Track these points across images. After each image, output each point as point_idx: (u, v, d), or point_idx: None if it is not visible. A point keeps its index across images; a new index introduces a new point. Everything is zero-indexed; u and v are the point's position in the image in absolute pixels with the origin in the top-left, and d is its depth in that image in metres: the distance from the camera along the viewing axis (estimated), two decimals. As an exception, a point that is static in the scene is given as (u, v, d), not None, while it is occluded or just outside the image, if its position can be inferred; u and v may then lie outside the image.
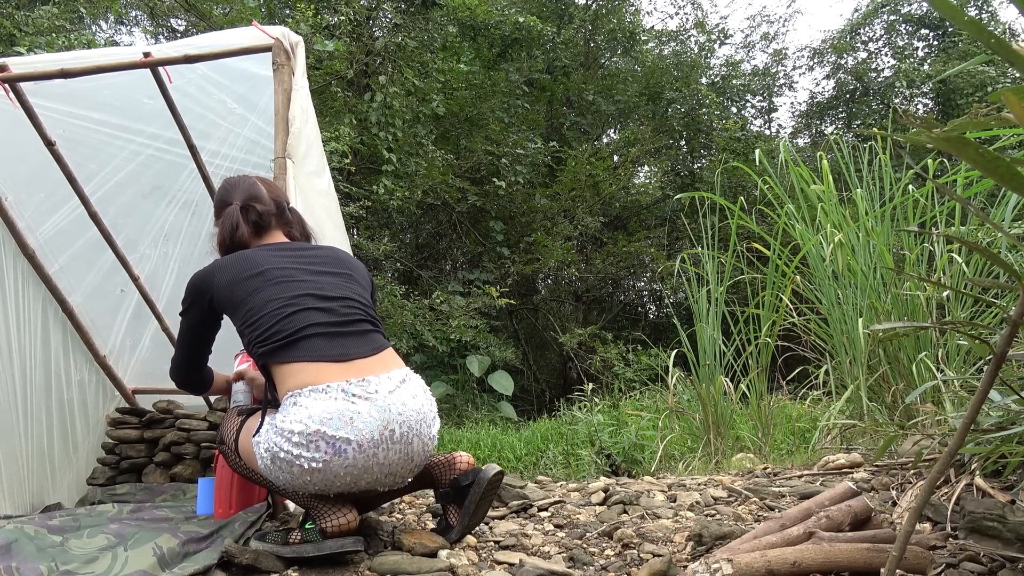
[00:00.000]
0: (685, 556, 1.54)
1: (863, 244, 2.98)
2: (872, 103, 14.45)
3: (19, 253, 2.61)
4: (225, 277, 1.72)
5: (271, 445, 1.54)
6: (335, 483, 1.55)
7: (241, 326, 1.69)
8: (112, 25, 11.83)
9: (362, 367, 1.61)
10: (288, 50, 2.20)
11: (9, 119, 2.41)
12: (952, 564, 1.26)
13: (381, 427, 1.54)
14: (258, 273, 1.70)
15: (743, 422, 3.93)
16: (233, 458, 1.76)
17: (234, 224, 1.82)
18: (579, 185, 11.96)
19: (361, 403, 1.54)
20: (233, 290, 1.70)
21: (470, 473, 1.74)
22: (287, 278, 1.71)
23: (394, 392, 1.60)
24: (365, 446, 1.52)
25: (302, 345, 1.60)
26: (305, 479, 1.54)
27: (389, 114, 8.97)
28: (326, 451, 1.50)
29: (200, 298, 1.77)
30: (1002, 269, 1.04)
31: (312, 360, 1.59)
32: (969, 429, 0.99)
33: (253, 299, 1.67)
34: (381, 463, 1.56)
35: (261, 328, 1.63)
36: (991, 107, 0.90)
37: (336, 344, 1.62)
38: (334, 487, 1.57)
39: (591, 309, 13.75)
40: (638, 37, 14.40)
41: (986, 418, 1.56)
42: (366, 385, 1.57)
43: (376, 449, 1.54)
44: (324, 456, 1.51)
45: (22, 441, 2.58)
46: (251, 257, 1.75)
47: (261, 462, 1.58)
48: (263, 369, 1.67)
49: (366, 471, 1.55)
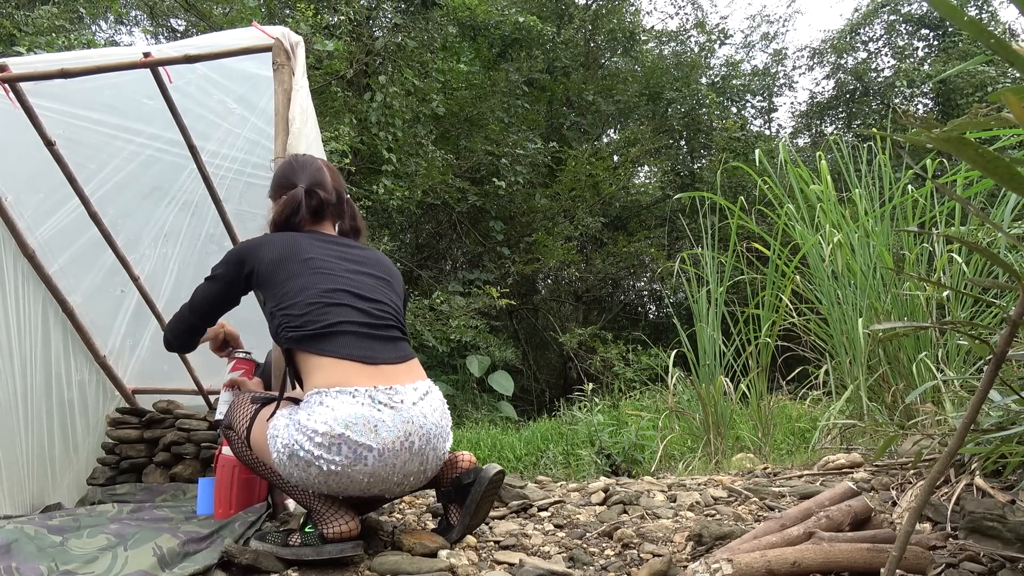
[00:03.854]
0: (685, 556, 1.54)
1: (863, 244, 2.98)
2: (872, 103, 14.45)
3: (19, 253, 2.61)
4: (271, 254, 1.74)
5: (291, 442, 1.52)
6: (349, 487, 1.55)
7: (274, 307, 1.69)
8: (112, 25, 11.84)
9: (389, 373, 1.62)
10: (288, 50, 2.20)
11: (9, 119, 2.41)
12: (952, 564, 1.26)
13: (402, 437, 1.55)
14: (303, 259, 1.72)
15: (743, 422, 3.93)
16: (240, 446, 1.72)
17: (296, 206, 1.83)
18: (579, 185, 11.96)
19: (386, 411, 1.55)
20: (275, 268, 1.71)
21: (471, 472, 1.74)
22: (328, 270, 1.72)
23: (417, 404, 1.61)
24: (385, 455, 1.53)
25: (333, 340, 1.61)
26: (319, 480, 1.53)
27: (389, 114, 8.97)
28: (347, 455, 1.50)
29: (239, 268, 1.76)
30: (1002, 269, 1.04)
31: (341, 358, 1.59)
32: (969, 429, 0.99)
33: (291, 283, 1.68)
34: (396, 472, 1.57)
35: (294, 313, 1.64)
36: (991, 107, 0.90)
37: (365, 345, 1.63)
38: (347, 491, 1.56)
39: (591, 309, 13.76)
40: (638, 37, 14.40)
41: (986, 418, 1.56)
42: (392, 393, 1.58)
43: (395, 459, 1.55)
44: (344, 460, 1.50)
45: (22, 441, 2.58)
46: (300, 242, 1.77)
47: (276, 456, 1.56)
48: (287, 354, 1.67)
49: (381, 479, 1.56)
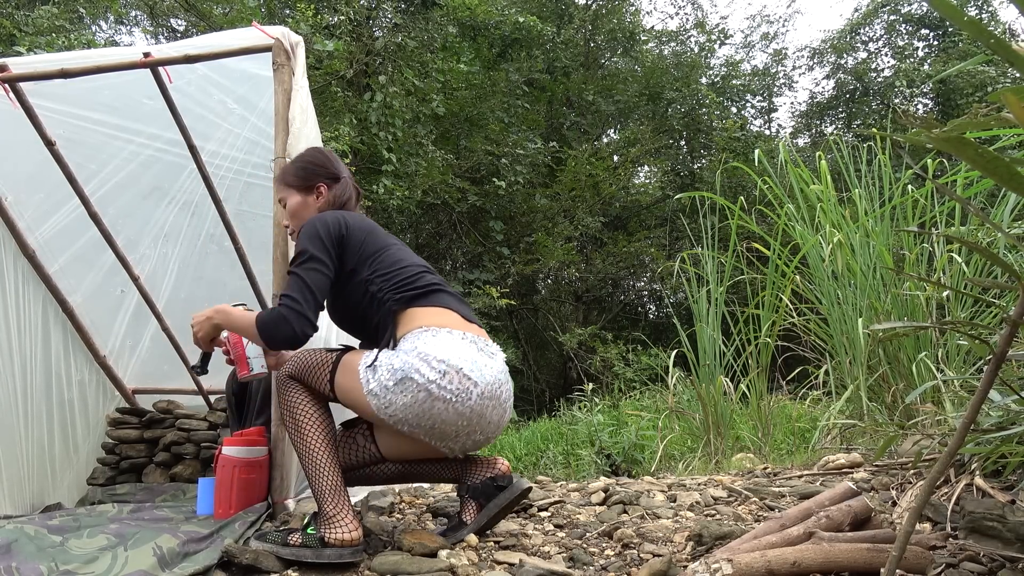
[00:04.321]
0: (685, 556, 1.54)
1: (863, 244, 2.98)
2: (872, 103, 14.45)
3: (19, 253, 2.61)
4: (357, 223, 1.79)
5: (407, 367, 1.57)
6: (446, 424, 1.60)
7: (369, 274, 1.74)
8: (112, 25, 11.84)
9: (479, 332, 1.74)
10: (288, 50, 2.20)
11: (9, 119, 2.41)
12: (952, 564, 1.26)
13: (495, 385, 1.65)
14: (383, 235, 1.83)
15: (743, 422, 3.93)
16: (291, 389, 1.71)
17: (349, 195, 1.95)
18: (579, 185, 11.97)
19: (486, 359, 1.66)
20: (366, 238, 1.78)
21: (507, 478, 1.81)
22: (401, 247, 1.85)
23: (502, 362, 1.74)
24: (484, 396, 1.62)
25: (438, 297, 1.74)
26: (421, 409, 1.57)
27: (389, 114, 8.97)
28: (456, 387, 1.58)
29: (334, 233, 1.74)
30: (1002, 269, 1.04)
31: (448, 309, 1.72)
32: (969, 429, 0.99)
33: (384, 254, 1.77)
34: (484, 419, 1.65)
35: (396, 279, 1.73)
36: (991, 107, 0.90)
37: (461, 307, 1.77)
38: (441, 428, 1.61)
39: (591, 309, 13.76)
40: (638, 37, 14.41)
41: (986, 418, 1.56)
42: (489, 346, 1.71)
43: (488, 403, 1.63)
44: (454, 390, 1.57)
45: (22, 441, 2.58)
46: (368, 221, 1.85)
47: (376, 385, 1.59)
48: (390, 315, 1.71)
49: (469, 423, 1.62)
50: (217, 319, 1.80)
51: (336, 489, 1.64)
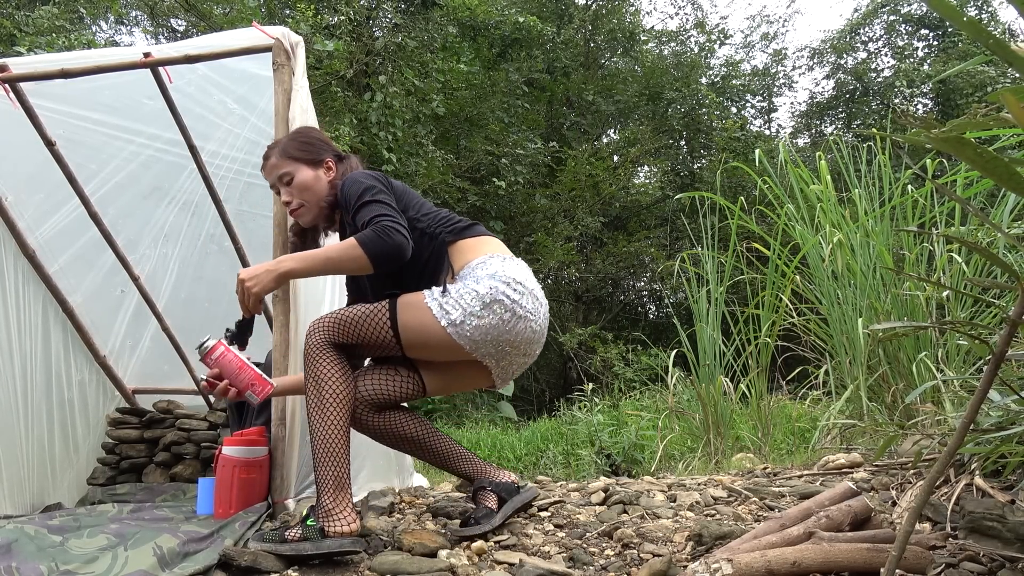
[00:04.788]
0: (685, 556, 1.54)
1: (863, 244, 2.98)
2: (872, 103, 14.46)
3: (19, 253, 2.61)
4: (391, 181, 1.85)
5: (494, 291, 1.64)
6: (519, 343, 1.70)
7: (415, 213, 1.81)
8: (112, 25, 11.85)
9: None
10: (288, 50, 2.20)
11: (9, 119, 2.41)
12: (952, 564, 1.26)
13: (545, 308, 1.79)
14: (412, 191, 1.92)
15: (743, 422, 3.93)
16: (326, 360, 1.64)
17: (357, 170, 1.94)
18: (579, 185, 11.97)
19: (536, 284, 1.77)
20: (404, 189, 1.88)
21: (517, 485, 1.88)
22: None
23: None
24: (543, 317, 1.76)
25: (481, 229, 1.84)
26: (505, 328, 1.65)
27: (389, 114, 8.97)
28: (532, 307, 1.70)
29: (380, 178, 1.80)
30: (1001, 269, 1.04)
31: (494, 239, 1.83)
32: (969, 429, 0.99)
33: (423, 205, 1.86)
34: (535, 340, 1.75)
35: (440, 216, 1.82)
36: (990, 107, 0.90)
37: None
38: (514, 347, 1.70)
39: (591, 309, 13.76)
40: (638, 37, 14.42)
41: (986, 418, 1.56)
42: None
43: (543, 324, 1.76)
44: (532, 309, 1.70)
45: (22, 441, 2.58)
46: None
47: (460, 313, 1.62)
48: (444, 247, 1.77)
49: (534, 342, 1.74)
50: (286, 267, 1.65)
51: (341, 483, 1.63)
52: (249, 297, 1.64)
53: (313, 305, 2.28)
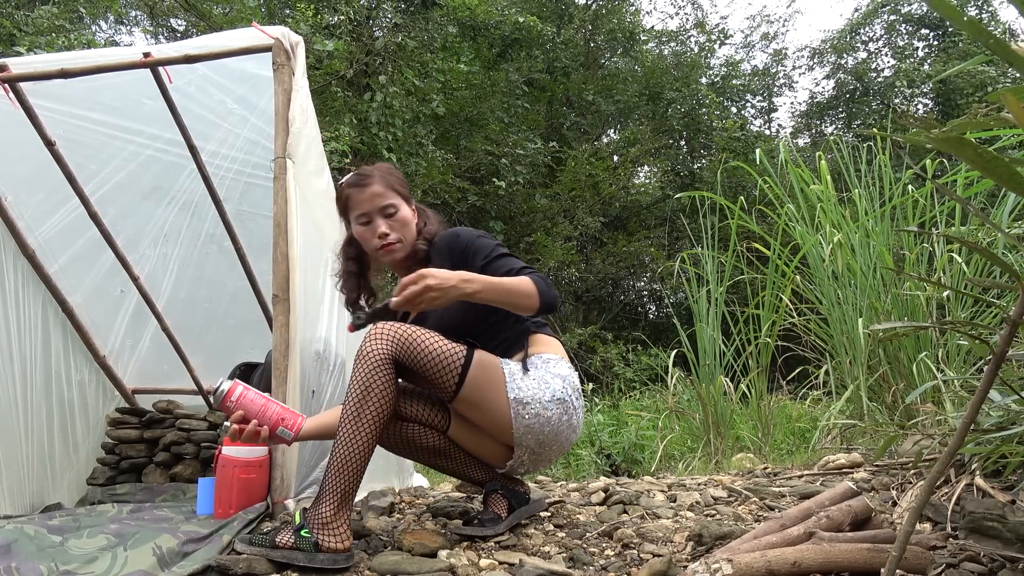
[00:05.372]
0: (685, 556, 1.54)
1: (863, 244, 2.98)
2: (872, 103, 14.46)
3: (19, 253, 2.61)
4: None
5: (564, 392, 1.70)
6: (558, 445, 1.73)
7: None
8: (112, 25, 11.85)
9: None
10: (288, 50, 2.20)
11: (9, 119, 2.41)
12: (952, 564, 1.26)
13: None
14: None
15: (743, 422, 3.93)
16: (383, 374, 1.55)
17: None
18: (579, 185, 11.97)
19: None
20: None
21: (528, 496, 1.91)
22: None
23: None
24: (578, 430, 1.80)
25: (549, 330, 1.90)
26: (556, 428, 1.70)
27: (389, 114, 8.97)
28: (578, 418, 1.76)
29: None
30: (1002, 269, 1.04)
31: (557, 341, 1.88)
32: (969, 429, 0.99)
33: None
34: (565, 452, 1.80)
35: None
36: (990, 107, 0.90)
37: None
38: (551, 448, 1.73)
39: (591, 309, 13.76)
40: (638, 37, 14.42)
41: (986, 418, 1.56)
42: None
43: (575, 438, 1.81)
44: (578, 420, 1.76)
45: (22, 441, 2.58)
46: None
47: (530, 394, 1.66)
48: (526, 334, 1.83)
49: (563, 452, 1.78)
50: (473, 288, 1.54)
51: (347, 497, 1.57)
52: (424, 302, 1.52)
53: (313, 305, 2.28)
